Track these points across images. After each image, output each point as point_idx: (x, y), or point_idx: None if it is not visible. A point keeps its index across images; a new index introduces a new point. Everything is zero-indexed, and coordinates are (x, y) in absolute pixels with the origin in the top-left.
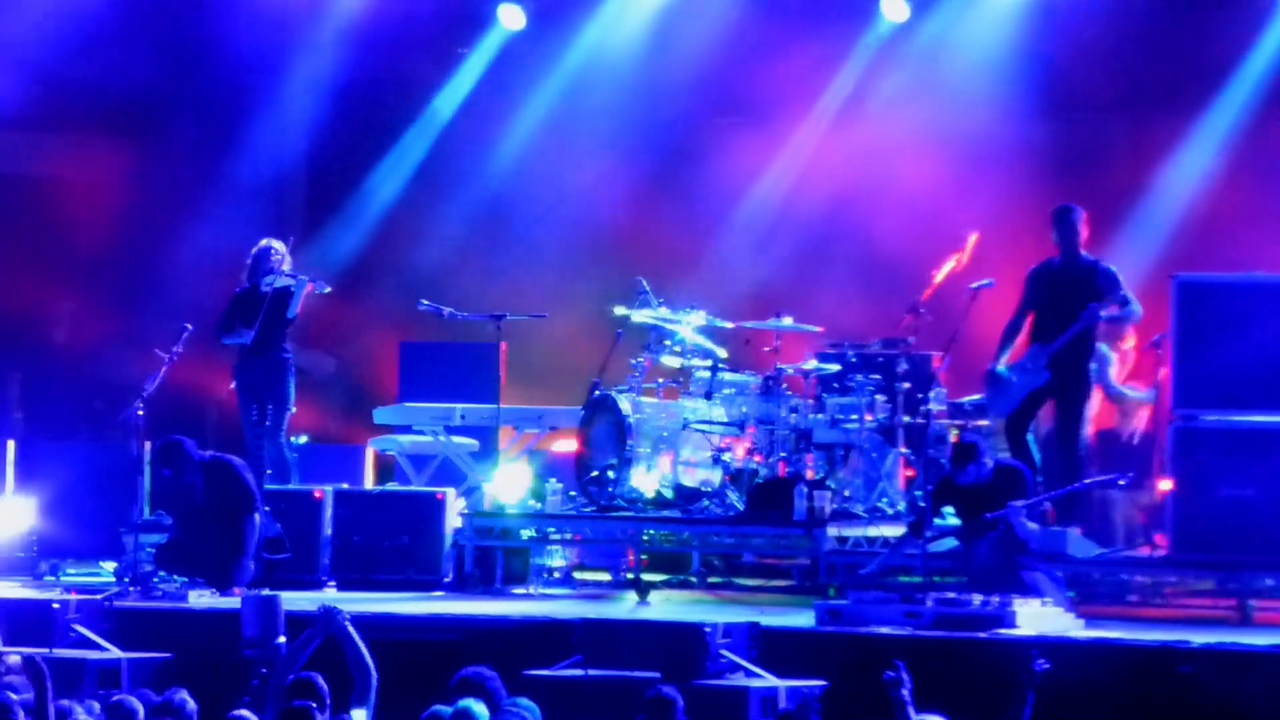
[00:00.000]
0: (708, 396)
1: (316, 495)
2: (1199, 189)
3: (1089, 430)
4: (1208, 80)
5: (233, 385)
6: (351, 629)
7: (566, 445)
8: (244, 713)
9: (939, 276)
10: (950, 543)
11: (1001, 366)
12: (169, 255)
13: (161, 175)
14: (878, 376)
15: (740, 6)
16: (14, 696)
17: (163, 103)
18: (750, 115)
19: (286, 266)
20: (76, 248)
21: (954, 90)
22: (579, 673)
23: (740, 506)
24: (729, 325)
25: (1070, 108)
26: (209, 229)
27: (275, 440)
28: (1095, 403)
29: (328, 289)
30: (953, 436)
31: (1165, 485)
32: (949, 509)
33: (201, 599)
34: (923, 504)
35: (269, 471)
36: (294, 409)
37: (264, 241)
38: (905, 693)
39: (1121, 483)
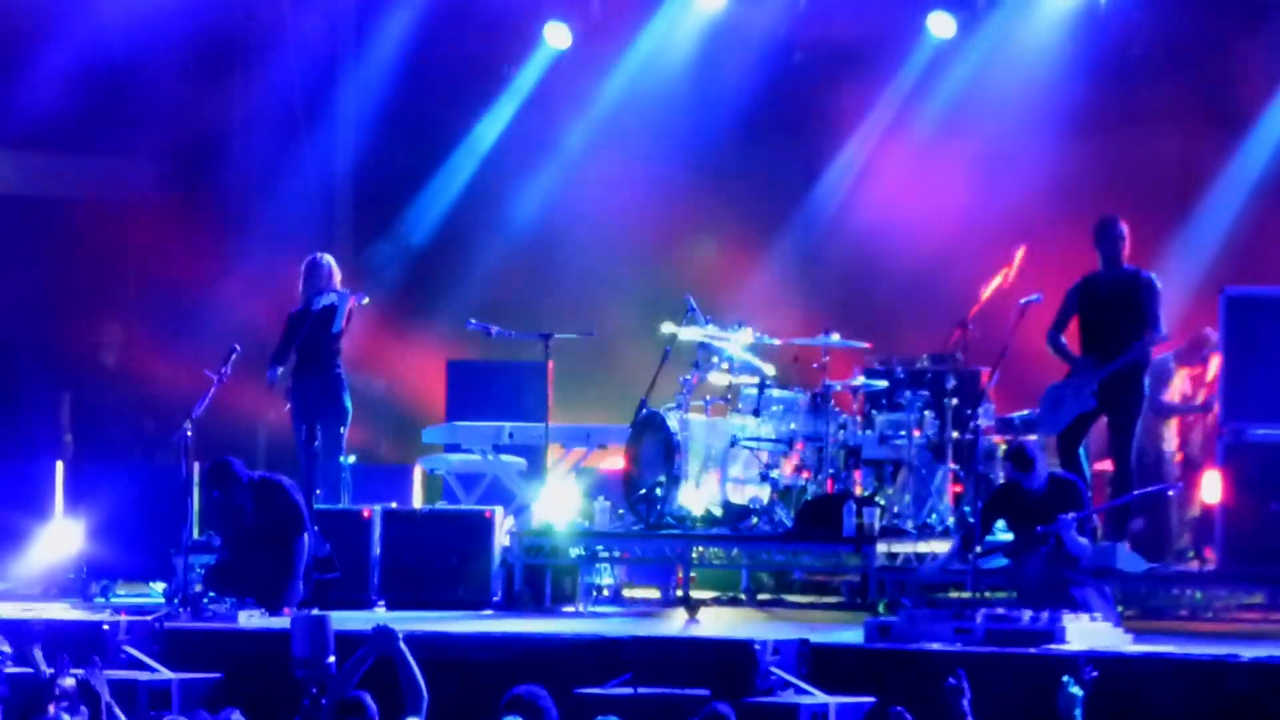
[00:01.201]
0: (756, 414)
1: (365, 515)
2: (1247, 203)
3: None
4: (1255, 93)
5: (287, 407)
6: (405, 649)
7: (615, 463)
8: None
9: (987, 292)
10: (1000, 560)
11: (1058, 385)
12: (218, 277)
13: (210, 197)
14: (926, 393)
15: (787, 23)
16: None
17: (210, 124)
18: (797, 132)
19: (337, 281)
20: (125, 270)
21: (1001, 106)
22: (629, 691)
23: (789, 523)
24: (777, 342)
25: (1117, 122)
26: (257, 251)
27: (333, 458)
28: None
29: (367, 300)
30: (1000, 447)
31: (1211, 499)
32: (1000, 523)
33: (251, 619)
34: (972, 520)
35: (318, 491)
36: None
37: (311, 256)
38: (965, 703)
39: (1171, 493)
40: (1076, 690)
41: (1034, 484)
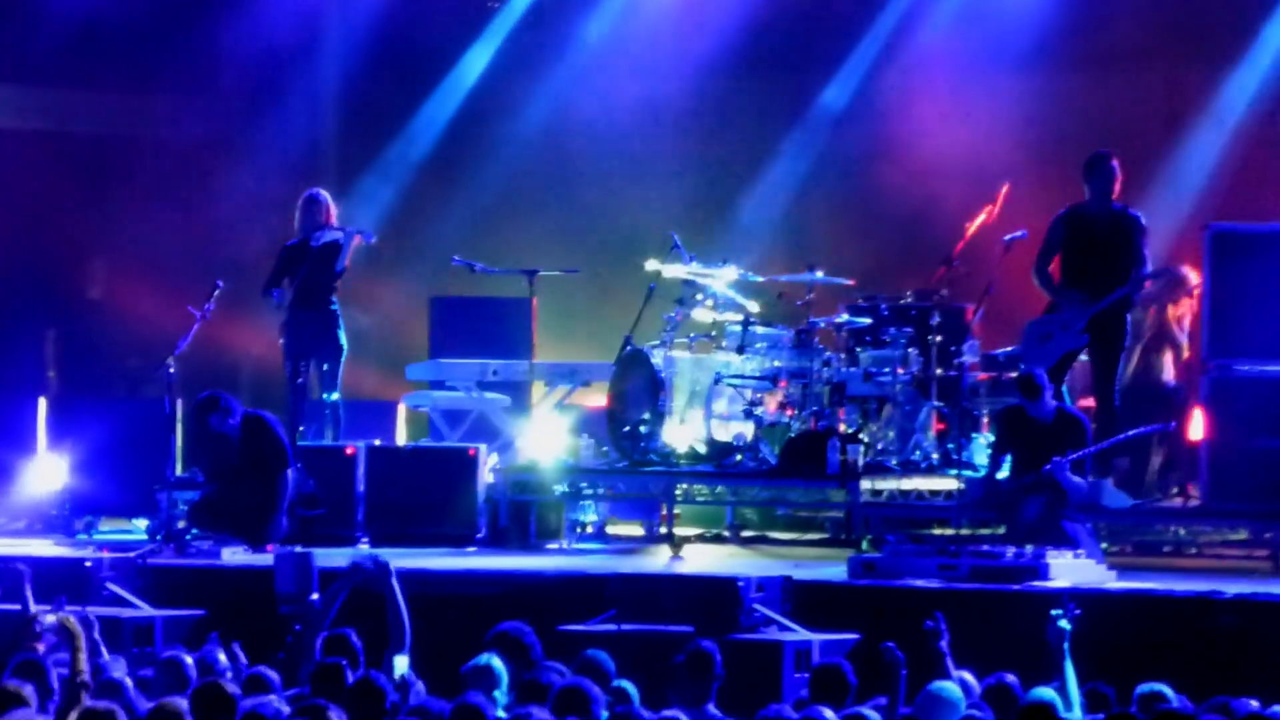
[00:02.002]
0: (740, 350)
1: (349, 452)
2: (1233, 140)
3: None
4: (1242, 30)
5: (280, 340)
6: (396, 584)
7: (599, 400)
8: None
9: (972, 228)
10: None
11: (1041, 320)
12: (203, 211)
13: (194, 131)
14: (910, 329)
15: None
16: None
17: (196, 58)
18: (783, 68)
19: (334, 217)
20: (110, 204)
21: (986, 42)
22: (613, 628)
23: (773, 461)
24: (761, 279)
25: (1103, 59)
26: (242, 184)
27: (330, 393)
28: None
29: (374, 239)
30: (984, 384)
31: (1195, 435)
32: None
33: (235, 556)
34: (956, 456)
35: (301, 428)
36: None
37: (310, 190)
38: (944, 645)
39: (1164, 432)
40: (1065, 624)
41: (1041, 413)
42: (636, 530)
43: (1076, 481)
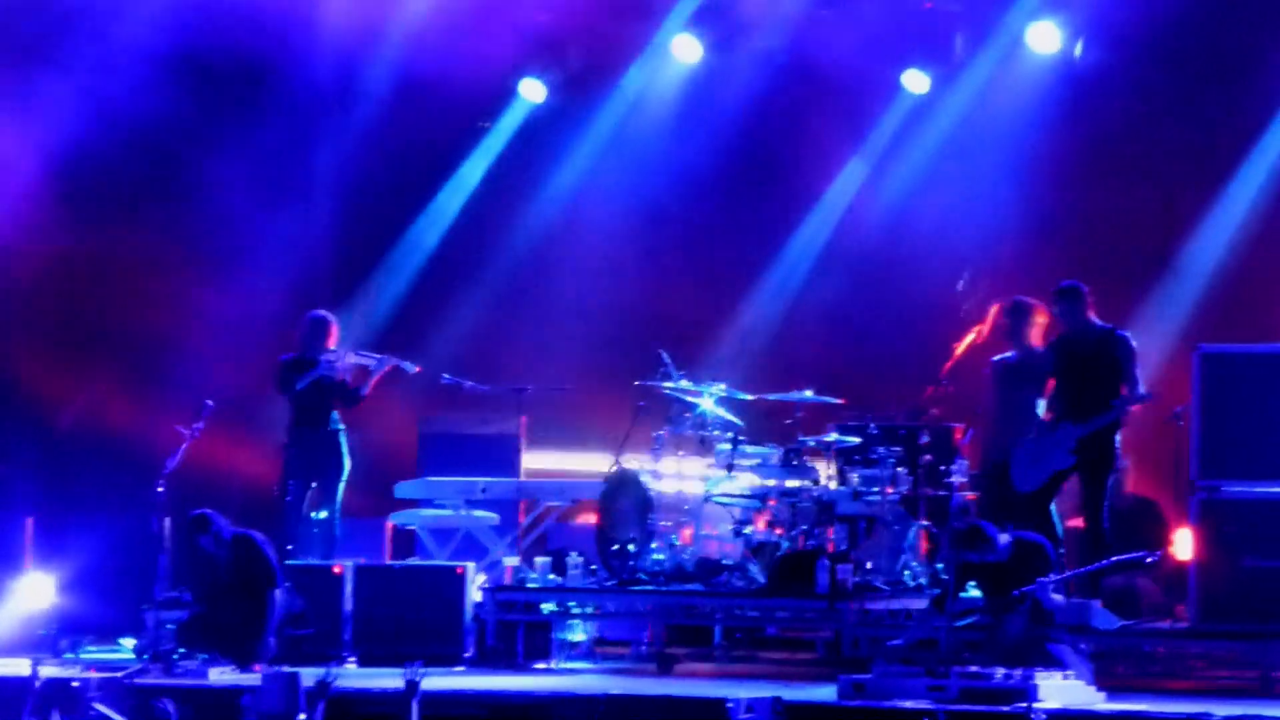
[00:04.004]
0: (729, 469)
1: (337, 570)
2: (1224, 259)
3: None
4: (1233, 149)
5: (282, 459)
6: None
7: (588, 518)
8: None
9: (960, 348)
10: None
11: (1030, 441)
12: (191, 329)
13: (183, 248)
14: (900, 449)
15: (762, 80)
16: None
17: (183, 175)
18: (773, 189)
19: (335, 338)
20: (96, 322)
21: (979, 160)
22: None
23: (762, 580)
24: (750, 397)
25: (1094, 176)
26: (231, 303)
27: (327, 510)
28: None
29: (416, 369)
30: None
31: (1184, 556)
32: (971, 584)
33: (223, 675)
34: (945, 576)
35: (289, 547)
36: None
37: (316, 311)
38: None
39: (1149, 560)
40: None
41: (979, 560)
42: (626, 650)
43: (1059, 601)
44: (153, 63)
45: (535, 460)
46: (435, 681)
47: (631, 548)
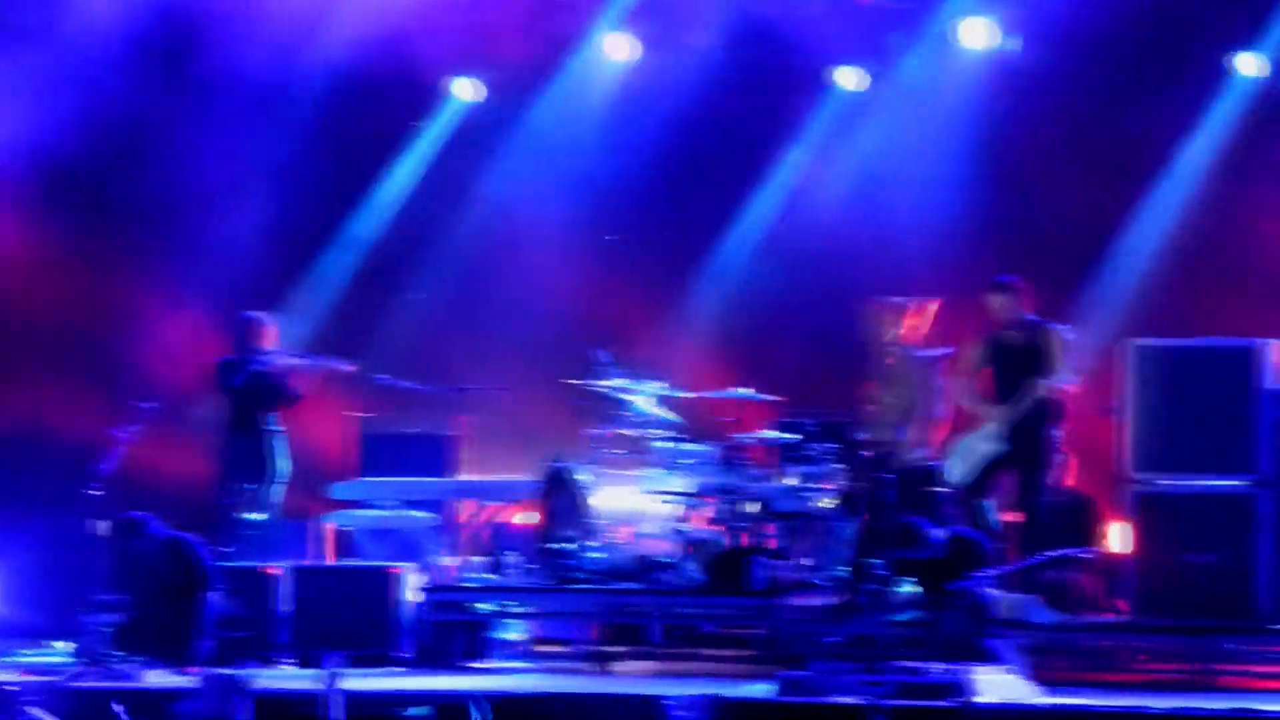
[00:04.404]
0: (667, 467)
1: (272, 572)
2: (1157, 254)
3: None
4: (1165, 146)
5: (216, 461)
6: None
7: (525, 517)
8: None
9: None
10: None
11: (964, 434)
12: (126, 330)
13: (117, 247)
14: (837, 446)
15: (697, 78)
16: None
17: (118, 178)
18: (709, 188)
19: (270, 339)
20: (31, 323)
21: (911, 159)
22: None
23: (700, 578)
24: (688, 395)
25: (1029, 174)
26: (166, 304)
27: (260, 511)
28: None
29: (351, 367)
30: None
31: (1120, 549)
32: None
33: (158, 677)
34: (881, 572)
35: (227, 549)
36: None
37: (249, 312)
38: None
39: (1086, 555)
40: None
41: (914, 558)
42: (564, 648)
43: (995, 596)
44: (85, 58)
45: (474, 460)
46: (373, 682)
47: (569, 547)
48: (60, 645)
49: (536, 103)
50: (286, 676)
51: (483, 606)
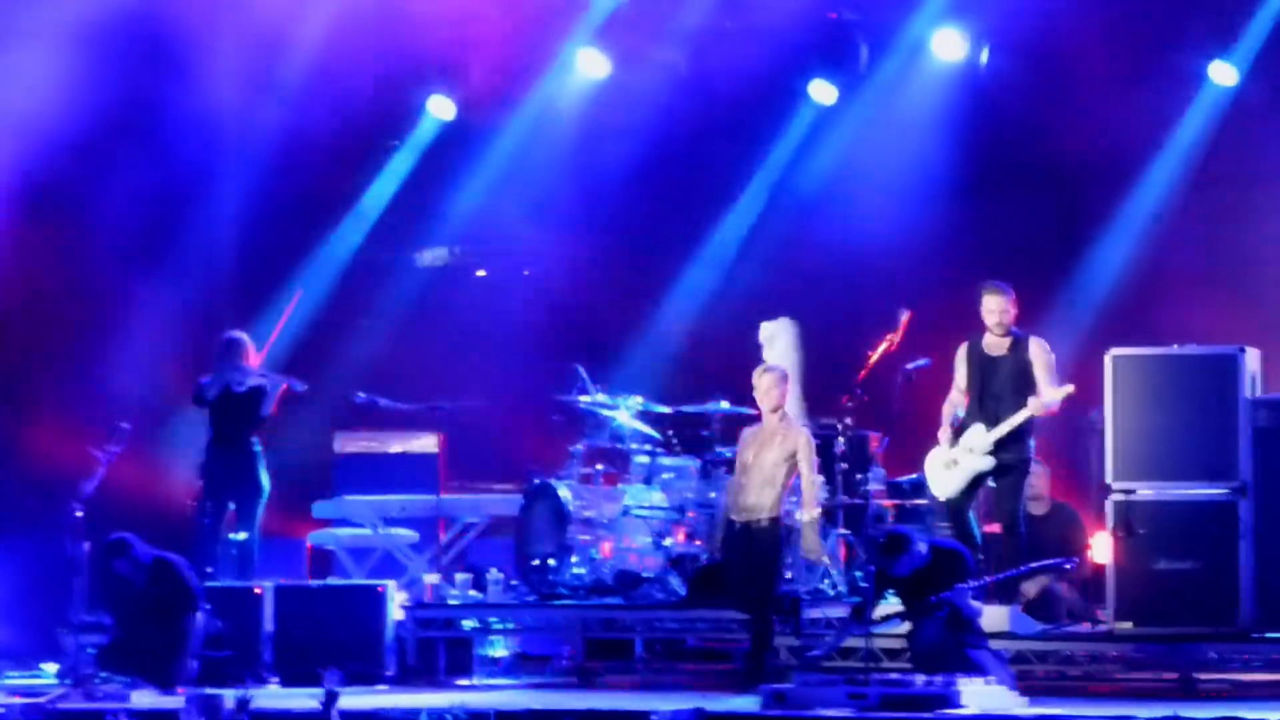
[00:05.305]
0: (647, 482)
1: (256, 591)
2: (1129, 264)
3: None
4: (1135, 155)
5: (199, 481)
6: None
7: (506, 534)
8: None
9: (874, 357)
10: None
11: (945, 447)
12: (105, 350)
13: (93, 271)
14: (817, 458)
15: (669, 93)
16: None
17: (94, 195)
18: (682, 202)
19: (252, 358)
20: (9, 344)
21: (884, 169)
22: None
23: (682, 592)
24: (666, 410)
25: (999, 183)
26: (141, 324)
27: (251, 534)
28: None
29: (304, 388)
30: (889, 511)
31: (1101, 559)
32: (890, 592)
33: (144, 699)
34: (864, 584)
35: (208, 569)
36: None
37: (229, 333)
38: None
39: (1068, 568)
40: None
41: (901, 570)
42: (547, 664)
43: (976, 607)
44: (58, 63)
45: (454, 477)
46: (357, 700)
47: (551, 562)
48: (45, 667)
49: (510, 119)
50: (278, 695)
51: (466, 623)
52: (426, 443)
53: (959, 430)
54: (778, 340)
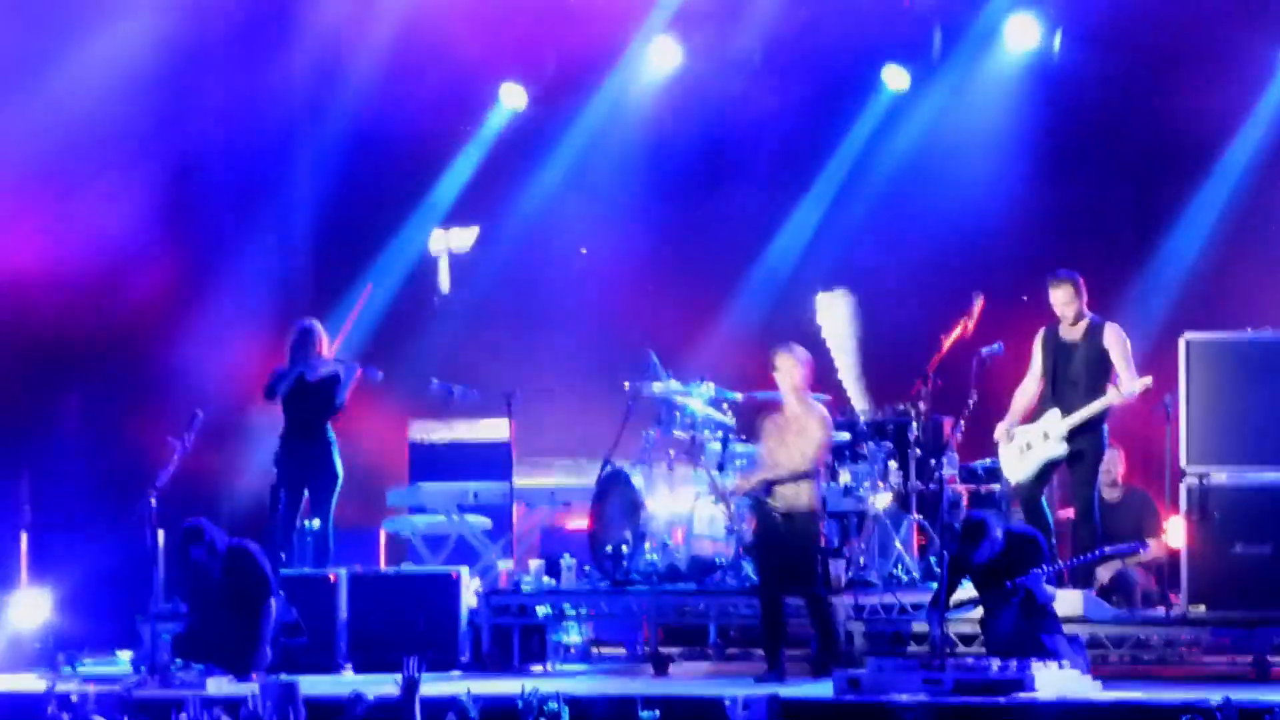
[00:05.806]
0: (720, 468)
1: (331, 579)
2: (1204, 249)
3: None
4: (1209, 142)
5: (274, 469)
6: None
7: (580, 521)
8: None
9: (947, 343)
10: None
11: (1019, 431)
12: (181, 340)
13: (172, 259)
14: (890, 444)
15: (743, 79)
16: None
17: (169, 194)
18: (755, 188)
19: (326, 348)
20: (88, 335)
21: (957, 156)
22: None
23: (755, 578)
24: (738, 396)
25: (1074, 170)
26: (220, 312)
27: (325, 522)
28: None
29: (379, 376)
30: (963, 496)
31: (1175, 543)
32: (966, 580)
33: (220, 686)
34: (938, 568)
35: (282, 555)
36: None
37: (303, 321)
38: None
39: (1141, 552)
40: None
41: (981, 556)
42: (620, 651)
43: (1050, 592)
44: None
45: (526, 463)
46: (431, 687)
47: (624, 549)
48: (121, 654)
49: (583, 107)
50: (348, 683)
51: (540, 610)
52: (499, 429)
53: (1031, 416)
54: (834, 311)
